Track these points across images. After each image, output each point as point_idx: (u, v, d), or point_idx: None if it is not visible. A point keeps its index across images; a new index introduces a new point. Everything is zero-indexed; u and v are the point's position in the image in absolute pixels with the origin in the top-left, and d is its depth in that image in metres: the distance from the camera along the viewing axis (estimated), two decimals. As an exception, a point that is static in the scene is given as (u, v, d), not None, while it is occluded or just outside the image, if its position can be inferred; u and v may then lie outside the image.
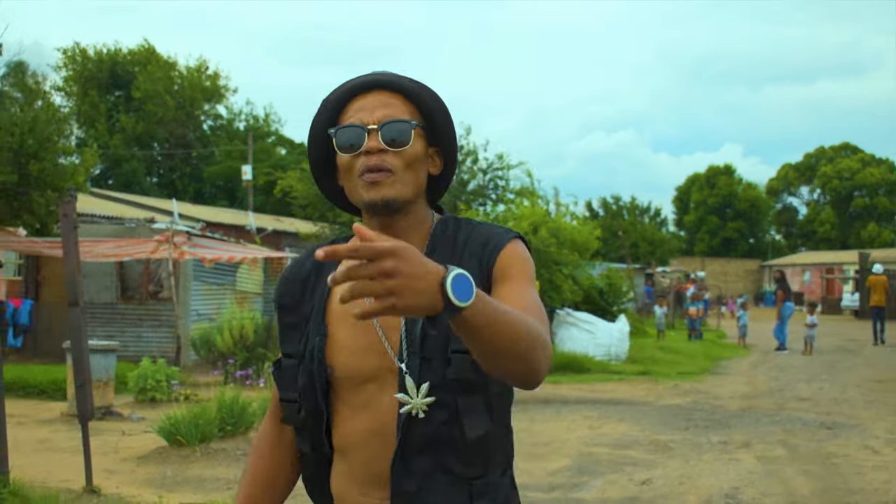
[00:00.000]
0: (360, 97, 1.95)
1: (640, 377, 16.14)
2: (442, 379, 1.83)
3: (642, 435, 10.34)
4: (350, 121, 1.93)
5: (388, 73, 1.99)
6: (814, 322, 21.25)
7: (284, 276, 2.08)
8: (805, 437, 10.25)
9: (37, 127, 16.00)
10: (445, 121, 2.00)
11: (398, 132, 1.90)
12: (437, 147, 2.02)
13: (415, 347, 1.85)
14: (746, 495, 7.36)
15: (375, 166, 1.88)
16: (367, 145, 1.89)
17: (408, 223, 1.96)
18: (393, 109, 1.93)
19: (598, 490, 7.60)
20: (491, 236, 1.94)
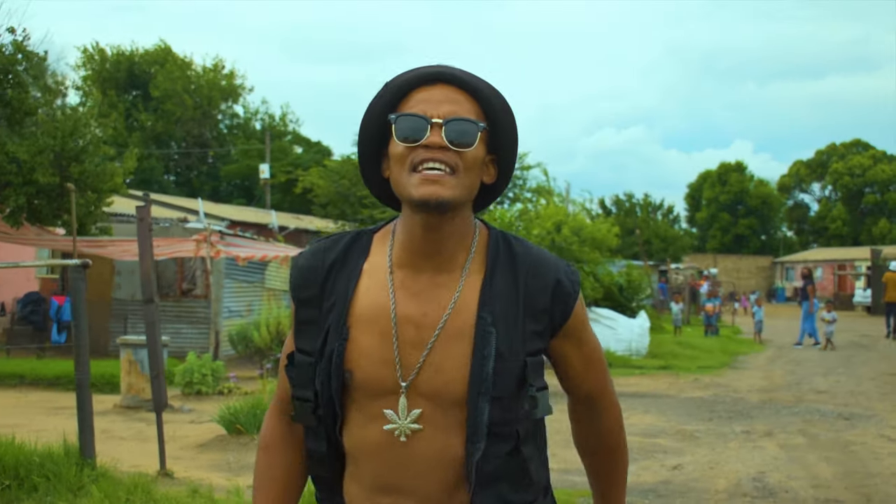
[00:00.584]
0: (426, 88, 1.86)
1: (661, 371, 16.68)
2: (512, 416, 1.82)
3: (668, 425, 10.87)
4: (413, 110, 1.83)
5: (457, 68, 1.90)
6: (833, 318, 21.72)
7: (302, 267, 1.96)
8: (824, 426, 10.75)
9: (78, 130, 16.57)
10: (510, 129, 1.92)
11: (464, 132, 1.81)
12: (494, 155, 1.93)
13: (486, 387, 1.80)
14: (773, 479, 7.88)
15: (436, 162, 1.79)
16: (428, 139, 1.79)
17: (452, 228, 1.86)
18: (460, 107, 1.84)
19: (633, 475, 8.11)
20: (559, 281, 1.88)
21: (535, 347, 1.85)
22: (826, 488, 7.54)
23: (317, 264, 1.93)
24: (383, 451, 1.84)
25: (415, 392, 1.82)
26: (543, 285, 1.86)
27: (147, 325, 7.59)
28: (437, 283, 1.86)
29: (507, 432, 1.82)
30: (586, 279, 19.47)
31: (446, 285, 1.86)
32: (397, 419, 1.81)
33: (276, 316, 15.38)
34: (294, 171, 39.32)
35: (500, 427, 1.81)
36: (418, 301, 1.85)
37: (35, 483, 6.39)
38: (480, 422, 1.79)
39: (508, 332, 1.83)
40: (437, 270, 1.87)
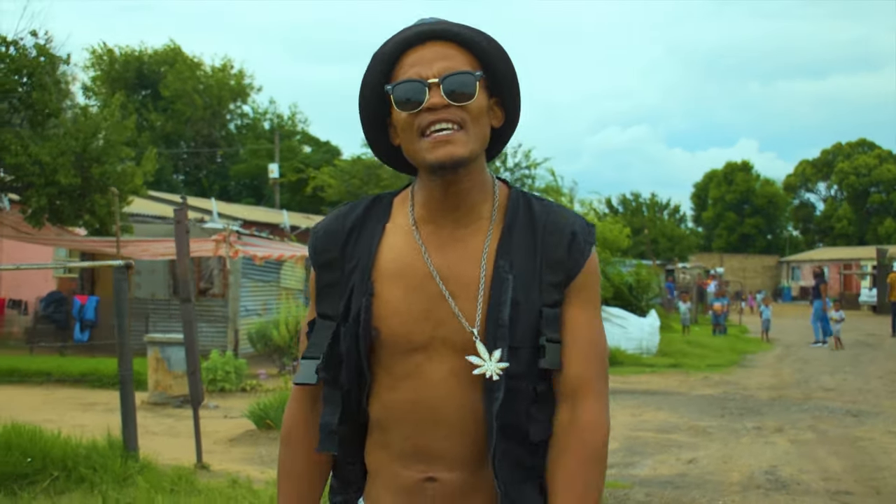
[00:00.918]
0: (415, 50, 1.83)
1: (671, 369, 16.99)
2: (527, 368, 1.79)
3: (682, 421, 11.17)
4: (407, 75, 1.81)
5: (441, 20, 1.87)
6: (841, 317, 22.00)
7: (322, 231, 1.95)
8: (832, 423, 11.05)
9: (100, 132, 16.91)
10: (507, 68, 1.89)
11: (461, 84, 1.80)
12: (497, 97, 1.92)
13: (503, 333, 1.78)
14: (785, 472, 8.18)
15: (442, 122, 1.78)
16: (429, 101, 1.78)
17: (472, 182, 1.86)
18: (452, 61, 1.82)
19: (650, 468, 8.44)
20: (576, 234, 1.87)
21: (552, 299, 1.83)
22: (836, 481, 7.84)
23: (337, 227, 1.92)
24: (414, 413, 1.82)
25: (444, 344, 1.81)
26: (560, 237, 1.85)
27: (185, 323, 7.90)
28: (461, 238, 1.86)
29: (524, 389, 1.80)
30: (597, 279, 19.78)
31: (471, 238, 1.86)
32: (483, 361, 1.76)
33: (294, 315, 15.69)
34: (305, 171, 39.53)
35: (516, 381, 1.79)
36: (445, 254, 1.84)
37: (82, 474, 6.70)
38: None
39: (526, 281, 1.82)
40: (458, 225, 1.86)
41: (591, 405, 1.83)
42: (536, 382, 1.81)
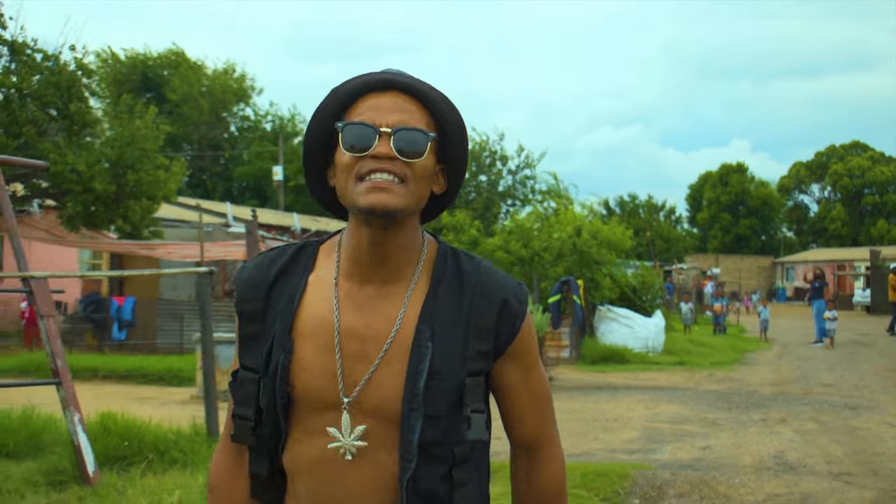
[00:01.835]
0: (375, 95, 1.79)
1: (677, 367, 17.90)
2: (446, 436, 1.76)
3: (693, 414, 12.06)
4: (361, 117, 1.76)
5: (407, 75, 1.83)
6: (834, 316, 22.93)
7: (246, 280, 1.89)
8: (832, 415, 11.95)
9: (135, 141, 17.78)
10: (461, 139, 1.86)
11: (412, 141, 1.75)
12: (444, 164, 1.87)
13: (418, 402, 1.75)
14: (791, 457, 9.08)
15: (384, 172, 1.73)
16: (376, 149, 1.73)
17: (399, 242, 1.81)
18: (409, 116, 1.77)
19: (669, 453, 9.33)
20: (506, 301, 1.83)
21: (478, 368, 1.80)
22: (838, 464, 8.74)
23: (261, 277, 1.87)
24: (321, 469, 1.79)
25: (357, 409, 1.77)
26: (490, 303, 1.81)
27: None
28: (382, 296, 1.82)
29: (444, 454, 1.77)
30: (604, 280, 20.72)
31: (392, 299, 1.82)
32: (341, 437, 1.75)
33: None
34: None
35: (436, 448, 1.76)
36: (363, 313, 1.80)
37: (174, 457, 7.57)
38: (411, 439, 1.74)
39: (448, 349, 1.78)
40: (383, 283, 1.82)
41: (549, 452, 1.93)
42: (455, 446, 1.78)
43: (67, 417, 6.80)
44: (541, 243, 20.32)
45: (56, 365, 6.83)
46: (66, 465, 6.79)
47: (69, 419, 6.77)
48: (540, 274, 19.84)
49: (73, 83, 17.44)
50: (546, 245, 20.25)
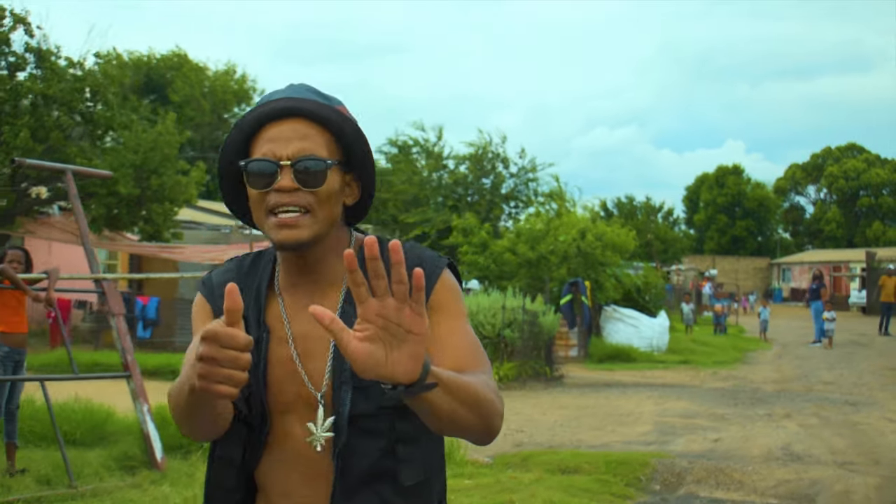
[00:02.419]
0: (276, 124, 1.82)
1: (681, 366, 18.52)
2: (377, 407, 1.78)
3: (701, 409, 12.67)
4: (262, 153, 1.80)
5: (303, 97, 1.85)
6: (833, 317, 23.56)
7: (216, 283, 1.98)
8: (833, 411, 12.56)
9: (157, 146, 18.36)
10: (363, 151, 1.89)
11: (313, 172, 1.79)
12: (352, 173, 1.92)
13: (346, 376, 1.80)
14: (797, 448, 9.69)
15: (289, 206, 1.78)
16: (278, 183, 1.78)
17: (324, 250, 1.88)
18: (309, 142, 1.81)
19: (683, 445, 9.93)
20: (424, 261, 1.89)
21: None
22: (842, 454, 9.35)
23: (231, 280, 1.90)
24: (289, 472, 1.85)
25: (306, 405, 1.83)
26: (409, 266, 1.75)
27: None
28: (318, 299, 1.88)
29: (377, 428, 1.80)
30: (608, 281, 21.32)
31: (327, 299, 1.88)
32: (315, 430, 1.79)
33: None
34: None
35: (368, 421, 1.80)
36: (305, 316, 1.85)
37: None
38: (342, 412, 1.78)
39: None
40: (316, 288, 1.89)
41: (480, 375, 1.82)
42: (396, 420, 1.80)
43: (137, 408, 7.39)
44: (547, 246, 20.91)
45: (126, 360, 7.41)
46: (136, 452, 7.38)
47: (139, 409, 7.36)
48: (546, 275, 20.44)
49: (98, 89, 18.00)
50: (552, 248, 20.84)
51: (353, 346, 1.49)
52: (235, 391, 1.48)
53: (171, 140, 18.62)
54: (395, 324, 1.50)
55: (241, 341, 1.46)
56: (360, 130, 1.89)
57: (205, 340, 1.46)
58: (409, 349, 1.51)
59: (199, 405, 1.66)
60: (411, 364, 1.52)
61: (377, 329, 1.51)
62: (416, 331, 1.51)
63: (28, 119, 17.11)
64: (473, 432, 1.76)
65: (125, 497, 6.60)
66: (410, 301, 1.50)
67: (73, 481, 6.74)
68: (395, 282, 1.49)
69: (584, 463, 8.45)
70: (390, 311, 1.50)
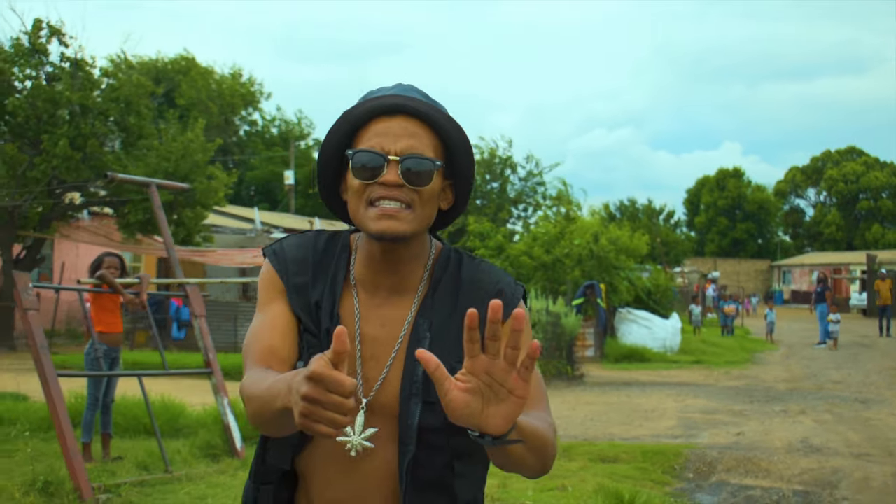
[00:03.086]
0: (385, 119, 1.85)
1: (694, 365, 19.22)
2: (446, 423, 1.71)
3: (720, 406, 13.35)
4: (370, 145, 1.84)
5: (416, 97, 1.89)
6: (838, 319, 24.26)
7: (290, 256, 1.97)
8: (845, 408, 13.24)
9: (189, 153, 19.06)
10: (467, 159, 1.93)
11: (420, 170, 1.83)
12: (451, 181, 1.96)
13: (416, 388, 1.82)
14: (815, 441, 10.37)
15: (391, 198, 1.81)
16: (384, 177, 1.81)
17: (410, 253, 1.91)
18: (417, 141, 1.85)
19: (708, 438, 10.61)
20: (503, 288, 1.92)
21: None
22: (857, 447, 10.03)
23: (305, 256, 1.95)
24: (331, 467, 1.85)
25: (370, 409, 1.83)
26: (485, 293, 1.89)
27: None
28: (392, 303, 1.90)
29: (440, 442, 1.83)
30: (622, 283, 22.03)
31: (401, 305, 1.90)
32: (352, 434, 1.73)
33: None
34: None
35: (434, 435, 1.82)
36: (376, 318, 1.89)
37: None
38: (411, 424, 1.80)
39: (446, 339, 1.86)
40: (393, 289, 1.91)
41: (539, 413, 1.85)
42: (453, 436, 1.82)
43: (218, 401, 8.07)
44: (562, 249, 21.58)
45: (208, 357, 8.09)
46: (218, 441, 8.06)
47: (220, 402, 8.04)
48: (562, 278, 21.11)
49: (132, 99, 18.68)
50: (567, 251, 21.51)
51: (454, 395, 1.53)
52: (336, 432, 1.48)
53: (200, 147, 19.30)
54: (500, 384, 1.55)
55: (347, 387, 1.43)
56: (467, 139, 1.91)
57: (310, 381, 1.44)
58: (507, 409, 1.56)
59: (285, 422, 1.63)
60: (504, 422, 1.56)
61: (480, 384, 1.54)
62: (519, 394, 1.55)
63: (67, 128, 17.81)
64: (533, 471, 1.80)
65: (216, 481, 7.29)
66: (520, 367, 1.54)
67: (168, 467, 7.43)
68: (510, 346, 1.53)
69: (622, 453, 9.14)
70: (498, 371, 1.54)
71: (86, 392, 8.48)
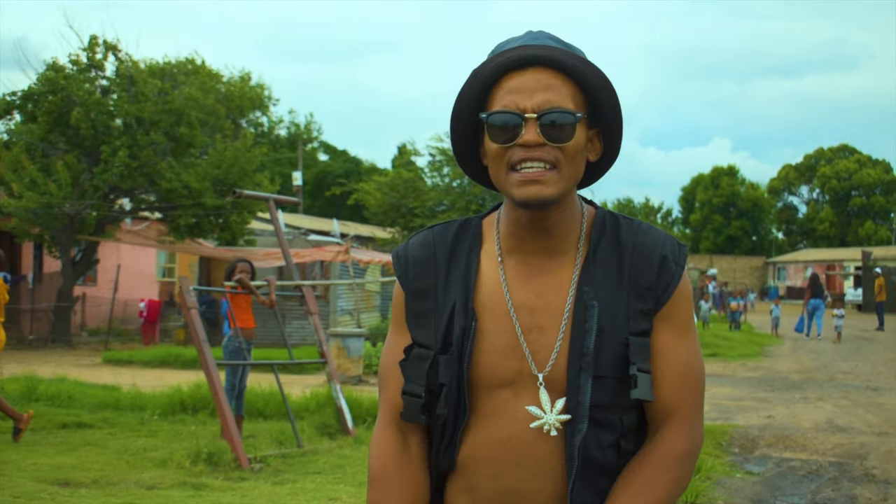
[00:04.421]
0: (517, 73, 1.71)
1: (711, 358, 20.48)
2: (614, 398, 1.71)
3: (745, 394, 14.62)
4: (504, 104, 1.71)
5: (548, 45, 1.74)
6: (842, 314, 25.58)
7: (411, 258, 1.87)
8: (859, 395, 14.51)
9: (238, 161, 20.28)
10: (612, 102, 1.77)
11: (560, 124, 1.69)
12: (597, 128, 1.81)
13: (587, 362, 1.70)
14: (839, 422, 11.64)
15: (533, 160, 1.69)
16: (523, 137, 1.68)
17: (560, 216, 1.77)
18: (554, 94, 1.70)
19: (743, 420, 11.87)
20: (665, 258, 1.77)
21: (640, 328, 1.75)
22: (877, 427, 11.31)
23: (427, 255, 1.85)
24: (499, 453, 1.75)
25: (530, 380, 1.74)
26: (648, 261, 1.76)
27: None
28: (548, 269, 1.80)
29: (610, 421, 1.73)
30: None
31: (558, 270, 1.79)
32: (543, 413, 1.69)
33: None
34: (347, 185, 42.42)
35: (603, 412, 1.72)
36: (531, 286, 1.78)
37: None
38: (582, 401, 1.70)
39: (611, 309, 1.74)
40: (546, 254, 1.80)
41: (676, 427, 1.76)
42: (623, 413, 1.75)
43: (332, 387, 9.33)
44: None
45: (322, 349, 9.32)
46: (332, 422, 9.30)
47: (333, 388, 9.29)
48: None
49: (183, 110, 19.90)
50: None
51: None
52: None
53: (248, 156, 20.53)
54: None
55: None
56: (608, 81, 1.77)
57: None
58: None
59: None
60: None
61: None
62: None
63: (124, 139, 19.02)
64: None
65: (343, 454, 8.55)
66: None
67: (300, 443, 8.68)
68: None
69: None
70: None
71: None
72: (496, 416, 1.74)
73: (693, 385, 1.78)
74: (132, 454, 8.41)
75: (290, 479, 7.56)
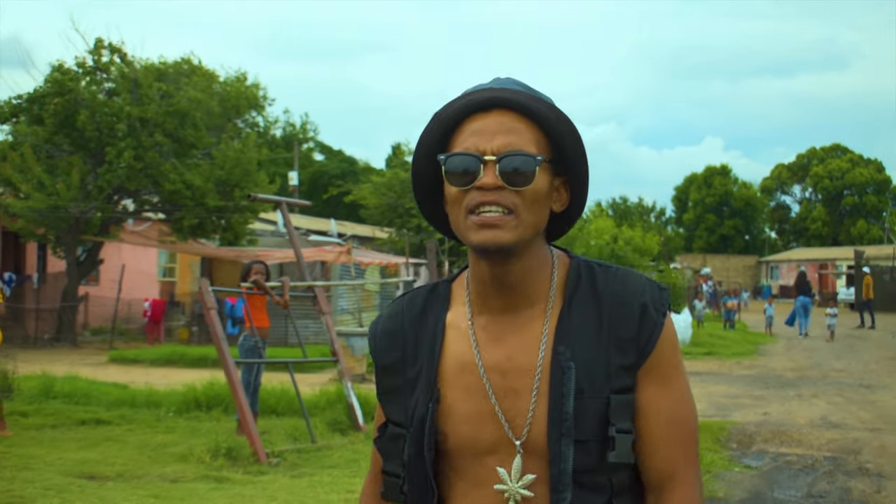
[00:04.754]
0: (480, 116, 1.65)
1: (707, 356, 20.86)
2: (599, 461, 1.63)
3: (741, 391, 14.96)
4: (464, 146, 1.64)
5: (511, 88, 1.69)
6: (835, 313, 25.96)
7: (382, 332, 1.80)
8: (852, 392, 14.86)
9: (240, 163, 20.57)
10: (577, 150, 1.70)
11: (520, 167, 1.61)
12: (563, 177, 1.72)
13: (567, 428, 1.61)
14: (833, 418, 11.98)
15: (492, 205, 1.60)
16: (481, 180, 1.61)
17: (524, 266, 1.67)
18: (516, 137, 1.63)
19: (740, 416, 12.20)
20: (646, 306, 1.66)
21: (622, 384, 1.64)
22: (870, 423, 11.65)
23: (395, 327, 1.78)
24: None
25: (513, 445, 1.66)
26: (628, 311, 1.66)
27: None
28: (516, 325, 1.70)
29: (598, 483, 1.64)
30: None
31: (529, 325, 1.69)
32: (508, 481, 1.63)
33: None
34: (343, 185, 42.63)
35: (589, 476, 1.63)
36: (501, 347, 1.69)
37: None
38: (565, 468, 1.61)
39: (590, 367, 1.64)
40: (513, 311, 1.71)
41: (677, 495, 1.67)
42: (612, 474, 1.65)
43: (343, 384, 9.64)
44: (580, 249, 23.14)
45: (334, 347, 9.63)
46: (343, 418, 9.61)
47: (345, 385, 9.60)
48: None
49: (186, 113, 20.18)
50: (585, 251, 23.08)
51: None
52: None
53: (251, 157, 20.81)
54: None
55: None
56: (574, 127, 1.70)
57: None
58: None
59: None
60: None
61: None
62: None
63: (129, 140, 19.30)
64: None
65: (356, 449, 8.86)
66: None
67: (314, 438, 8.99)
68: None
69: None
70: None
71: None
72: (485, 485, 1.66)
73: (685, 439, 1.68)
74: (152, 449, 8.72)
75: (308, 473, 7.87)
